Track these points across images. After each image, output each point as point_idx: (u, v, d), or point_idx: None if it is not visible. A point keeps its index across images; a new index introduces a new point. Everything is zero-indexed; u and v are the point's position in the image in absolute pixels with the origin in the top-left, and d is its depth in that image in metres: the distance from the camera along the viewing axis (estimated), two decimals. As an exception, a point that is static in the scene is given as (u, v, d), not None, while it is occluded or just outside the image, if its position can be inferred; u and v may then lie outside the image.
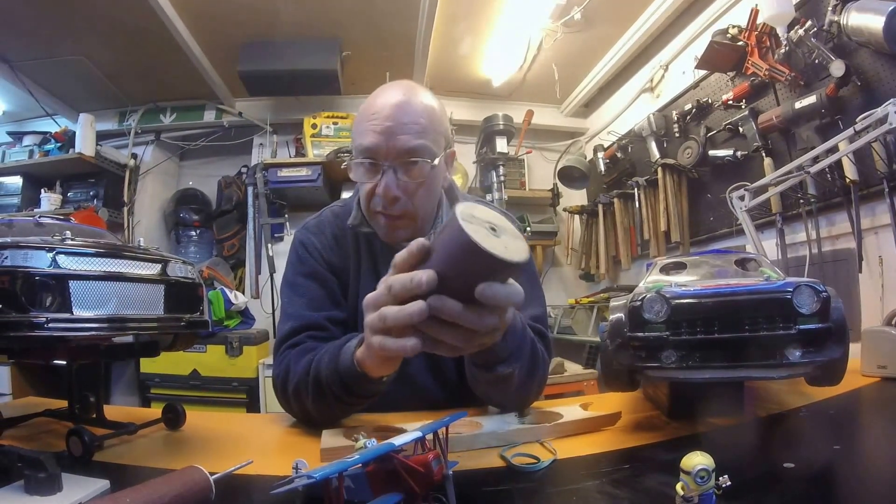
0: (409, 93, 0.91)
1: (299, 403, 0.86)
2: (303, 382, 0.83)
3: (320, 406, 0.82)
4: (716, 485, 0.42)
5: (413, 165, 0.89)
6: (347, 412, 0.85)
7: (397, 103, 0.89)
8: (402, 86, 0.93)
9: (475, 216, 0.48)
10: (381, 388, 0.76)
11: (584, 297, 3.32)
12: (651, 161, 2.77)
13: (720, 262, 0.88)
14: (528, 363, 0.82)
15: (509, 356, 0.76)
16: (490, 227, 0.47)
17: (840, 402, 0.84)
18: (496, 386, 0.82)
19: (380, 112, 0.89)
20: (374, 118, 0.88)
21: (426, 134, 0.89)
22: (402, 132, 0.87)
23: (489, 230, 0.47)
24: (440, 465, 0.45)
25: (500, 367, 0.77)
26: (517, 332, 0.77)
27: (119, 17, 2.54)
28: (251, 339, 2.85)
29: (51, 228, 0.72)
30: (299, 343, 0.93)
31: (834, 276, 1.84)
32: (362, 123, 0.91)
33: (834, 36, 1.78)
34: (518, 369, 0.79)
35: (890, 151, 1.59)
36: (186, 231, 3.54)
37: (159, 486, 0.47)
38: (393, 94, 0.91)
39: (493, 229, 0.47)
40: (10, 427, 0.79)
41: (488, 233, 0.46)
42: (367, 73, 3.20)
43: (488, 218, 0.48)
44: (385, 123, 0.87)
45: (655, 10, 2.70)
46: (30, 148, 3.18)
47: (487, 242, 0.45)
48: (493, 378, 0.79)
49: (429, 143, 0.90)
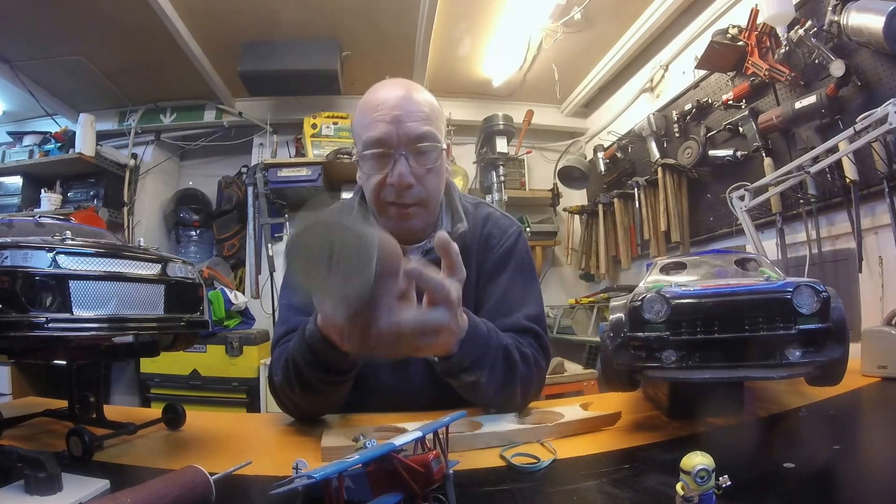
0: (408, 86, 0.94)
1: (288, 397, 0.87)
2: (285, 374, 0.83)
3: (303, 392, 0.82)
4: (716, 485, 0.42)
5: (424, 151, 0.91)
6: (330, 395, 0.84)
7: (400, 95, 0.91)
8: (399, 81, 0.96)
9: (311, 249, 0.48)
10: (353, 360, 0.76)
11: (584, 297, 3.33)
12: (651, 161, 2.77)
13: (720, 262, 0.88)
14: (500, 369, 0.81)
15: (471, 364, 0.76)
16: (327, 255, 0.47)
17: (840, 402, 0.83)
18: (467, 392, 0.83)
19: (384, 103, 0.90)
20: (380, 109, 0.90)
21: (431, 121, 0.92)
22: (411, 119, 0.89)
23: (324, 263, 0.47)
24: (440, 465, 0.45)
25: (463, 374, 0.77)
26: (478, 340, 0.77)
27: (119, 17, 2.54)
28: (251, 339, 2.85)
29: (51, 228, 0.72)
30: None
31: (834, 276, 1.84)
32: (366, 117, 0.92)
33: (834, 36, 1.78)
34: (484, 377, 0.78)
35: (890, 151, 1.59)
36: (186, 231, 3.54)
37: (159, 486, 0.47)
38: (392, 87, 0.93)
39: (330, 257, 0.48)
40: (10, 427, 0.79)
41: (320, 269, 0.47)
42: (367, 73, 3.20)
43: (325, 243, 0.48)
44: (393, 112, 0.89)
45: (655, 10, 2.70)
46: (30, 148, 3.18)
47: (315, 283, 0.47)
48: (462, 385, 0.80)
49: (435, 129, 0.92)
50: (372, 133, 0.90)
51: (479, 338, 0.78)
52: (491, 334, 0.81)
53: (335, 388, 0.83)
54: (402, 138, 0.89)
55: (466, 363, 0.76)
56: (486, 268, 1.02)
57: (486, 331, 0.80)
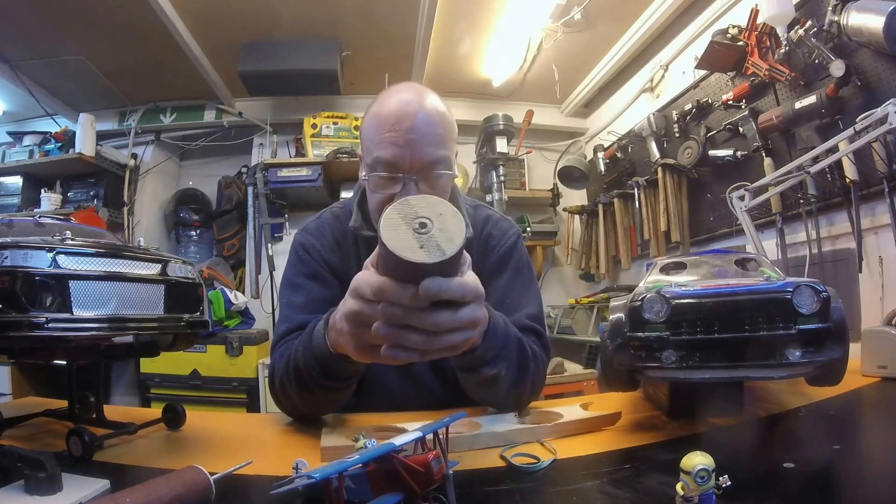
0: (423, 99, 0.89)
1: (287, 397, 0.87)
2: (285, 375, 0.83)
3: (305, 395, 0.82)
4: (716, 485, 0.42)
5: (437, 177, 0.88)
6: (332, 399, 0.84)
7: (415, 113, 0.86)
8: (414, 91, 0.91)
9: (405, 215, 0.47)
10: (359, 367, 0.76)
11: (584, 297, 3.32)
12: (651, 161, 2.77)
13: (720, 262, 0.88)
14: (515, 363, 0.81)
15: (493, 357, 0.76)
16: (419, 223, 0.47)
17: (840, 402, 0.83)
18: (485, 388, 0.82)
19: (400, 123, 0.85)
20: (395, 129, 0.85)
21: (446, 144, 0.89)
22: (426, 144, 0.86)
23: (416, 229, 0.47)
24: (440, 465, 0.45)
25: (483, 368, 0.77)
26: (499, 333, 0.77)
27: (119, 17, 2.54)
28: (251, 339, 2.85)
29: (51, 228, 0.72)
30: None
31: (834, 276, 1.84)
32: (379, 133, 0.87)
33: (834, 36, 1.78)
34: (504, 370, 0.78)
35: (890, 151, 1.59)
36: (186, 231, 3.54)
37: (159, 486, 0.47)
38: (410, 102, 0.88)
39: (423, 225, 0.47)
40: (10, 427, 0.79)
41: (413, 234, 0.46)
42: (367, 73, 3.21)
43: (422, 213, 0.47)
44: (408, 136, 0.85)
45: (655, 10, 2.70)
46: (30, 148, 3.18)
47: (408, 245, 0.45)
48: (480, 380, 0.79)
49: (449, 152, 0.89)
50: (383, 154, 0.86)
51: (499, 329, 0.78)
52: (508, 326, 0.82)
53: (337, 393, 0.83)
54: (416, 164, 0.86)
55: (489, 356, 0.76)
56: (485, 268, 1.02)
57: (504, 322, 0.80)
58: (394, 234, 0.46)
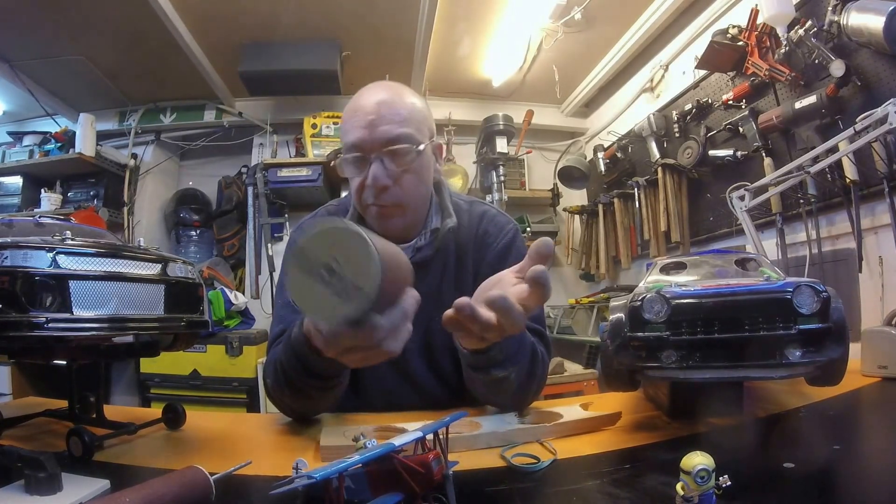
0: (391, 91, 0.95)
1: (280, 398, 0.87)
2: (275, 377, 0.84)
3: (295, 395, 0.82)
4: (716, 485, 0.42)
5: (398, 153, 0.91)
6: (322, 398, 0.84)
7: (379, 100, 0.92)
8: (384, 85, 0.97)
9: (304, 268, 0.44)
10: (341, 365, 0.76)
11: (584, 297, 3.32)
12: (651, 161, 2.77)
13: (720, 262, 0.88)
14: (527, 366, 0.82)
15: (505, 359, 0.76)
16: (324, 268, 0.44)
17: (840, 402, 0.83)
18: (492, 388, 0.82)
19: (362, 109, 0.92)
20: (357, 114, 0.92)
21: (408, 123, 0.92)
22: (385, 122, 0.90)
23: (323, 277, 0.44)
24: (440, 465, 0.45)
25: (494, 369, 0.77)
26: (514, 336, 0.76)
27: (119, 17, 2.54)
28: (251, 339, 2.85)
29: (51, 228, 0.72)
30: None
31: (834, 276, 1.84)
32: (347, 122, 0.94)
33: (834, 36, 1.78)
34: (514, 374, 0.78)
35: (890, 151, 1.59)
36: (186, 231, 3.54)
37: (159, 486, 0.47)
38: (373, 92, 0.94)
39: (329, 268, 0.44)
40: (10, 427, 0.79)
41: (322, 284, 0.44)
42: (367, 73, 3.19)
43: (320, 256, 0.44)
44: (368, 117, 0.90)
45: (655, 10, 2.70)
46: (30, 148, 3.18)
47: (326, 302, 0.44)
48: (489, 380, 0.79)
49: (411, 130, 0.92)
50: (349, 138, 0.93)
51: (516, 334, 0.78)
52: (524, 331, 0.82)
53: (324, 393, 0.82)
54: (377, 142, 0.90)
55: (501, 357, 0.76)
56: (483, 265, 1.02)
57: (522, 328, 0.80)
58: (307, 296, 0.44)
